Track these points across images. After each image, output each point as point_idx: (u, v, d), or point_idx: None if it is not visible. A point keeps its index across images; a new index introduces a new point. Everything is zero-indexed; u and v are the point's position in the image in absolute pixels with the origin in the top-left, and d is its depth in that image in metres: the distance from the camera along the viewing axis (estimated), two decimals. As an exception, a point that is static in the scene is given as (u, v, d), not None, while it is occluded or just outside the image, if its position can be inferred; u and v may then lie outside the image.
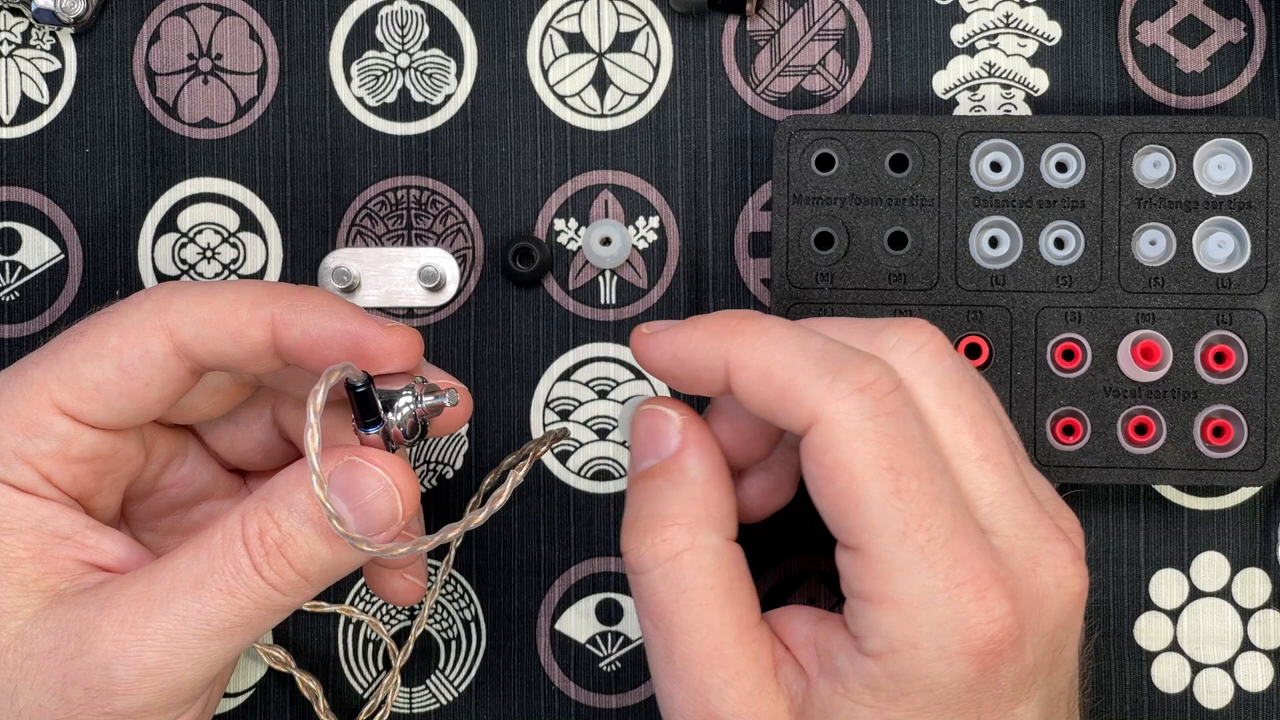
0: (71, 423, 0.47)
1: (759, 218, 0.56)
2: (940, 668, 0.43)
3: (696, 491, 0.46)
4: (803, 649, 0.46)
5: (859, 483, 0.43)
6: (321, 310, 0.47)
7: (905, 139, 0.54)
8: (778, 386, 0.44)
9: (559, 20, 0.56)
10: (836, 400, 0.43)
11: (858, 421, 0.43)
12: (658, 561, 0.45)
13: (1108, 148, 0.54)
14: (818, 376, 0.43)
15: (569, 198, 0.56)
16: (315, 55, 0.57)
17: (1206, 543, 0.56)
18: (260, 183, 0.57)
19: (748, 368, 0.44)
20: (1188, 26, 0.56)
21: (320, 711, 0.55)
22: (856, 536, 0.43)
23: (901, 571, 0.43)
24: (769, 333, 0.45)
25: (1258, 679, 0.56)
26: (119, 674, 0.45)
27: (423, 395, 0.46)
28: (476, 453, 0.56)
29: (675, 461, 0.46)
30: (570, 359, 0.56)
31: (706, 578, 0.45)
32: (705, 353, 0.45)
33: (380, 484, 0.46)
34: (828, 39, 0.56)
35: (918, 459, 0.43)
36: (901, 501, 0.43)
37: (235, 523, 0.46)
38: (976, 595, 0.43)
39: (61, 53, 0.57)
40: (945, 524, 0.43)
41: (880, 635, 0.43)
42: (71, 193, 0.57)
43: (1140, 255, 0.54)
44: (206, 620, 0.45)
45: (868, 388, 0.43)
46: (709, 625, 0.45)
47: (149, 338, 0.47)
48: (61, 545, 0.47)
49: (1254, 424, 0.53)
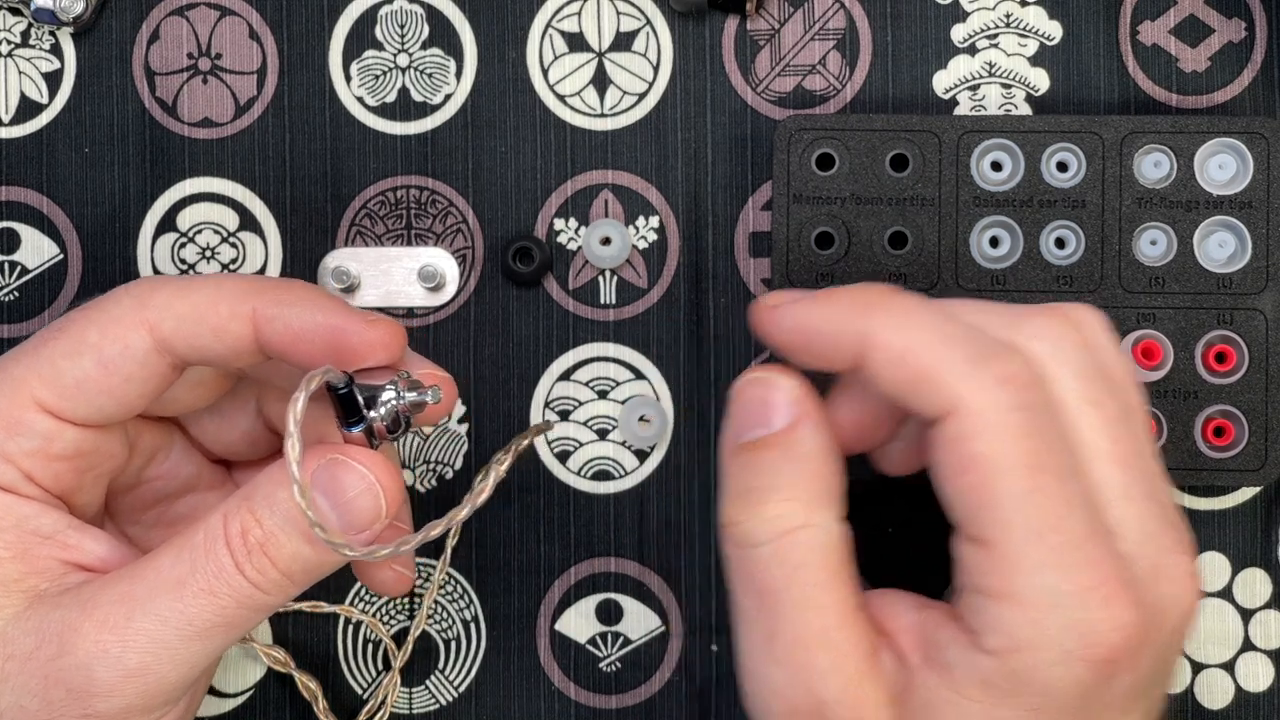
0: (53, 420, 0.47)
1: (759, 217, 0.56)
2: (1059, 671, 0.42)
3: (812, 467, 0.44)
4: (904, 635, 0.44)
5: (996, 477, 0.42)
6: (303, 304, 0.46)
7: (905, 139, 0.54)
8: (916, 369, 0.43)
9: (559, 20, 0.56)
10: (979, 390, 0.42)
11: (999, 414, 0.42)
12: (770, 537, 0.44)
13: (1108, 147, 0.54)
14: (960, 363, 0.42)
15: (569, 197, 0.56)
16: (315, 55, 0.57)
17: (1207, 543, 0.56)
18: (260, 182, 0.57)
19: (885, 347, 0.43)
20: (1188, 26, 0.56)
21: (320, 712, 0.55)
22: (987, 531, 0.42)
23: (1031, 571, 0.42)
24: (910, 313, 0.43)
25: (1258, 679, 0.56)
26: (100, 675, 0.45)
27: (405, 391, 0.46)
28: (476, 453, 0.56)
29: (789, 434, 0.44)
30: (570, 359, 0.56)
31: (819, 557, 0.44)
32: (839, 328, 0.44)
33: (363, 482, 0.45)
34: (828, 38, 0.56)
35: (1057, 458, 0.42)
36: (1038, 499, 0.41)
37: (218, 522, 0.45)
38: (1104, 601, 0.42)
39: (61, 52, 0.57)
40: (1079, 526, 0.42)
41: (1002, 633, 0.42)
42: (71, 192, 0.57)
43: (1141, 255, 0.54)
44: (189, 621, 0.45)
45: (1010, 379, 0.42)
46: (819, 606, 0.43)
47: (129, 333, 0.46)
48: (43, 545, 0.47)
49: (1255, 424, 0.53)
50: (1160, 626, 0.43)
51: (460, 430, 0.56)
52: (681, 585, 0.56)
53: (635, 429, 0.56)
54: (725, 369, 0.56)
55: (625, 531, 0.56)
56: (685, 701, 0.56)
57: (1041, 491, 0.42)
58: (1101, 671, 0.42)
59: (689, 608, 0.56)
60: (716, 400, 0.56)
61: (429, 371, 0.48)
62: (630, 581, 0.56)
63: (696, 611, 0.56)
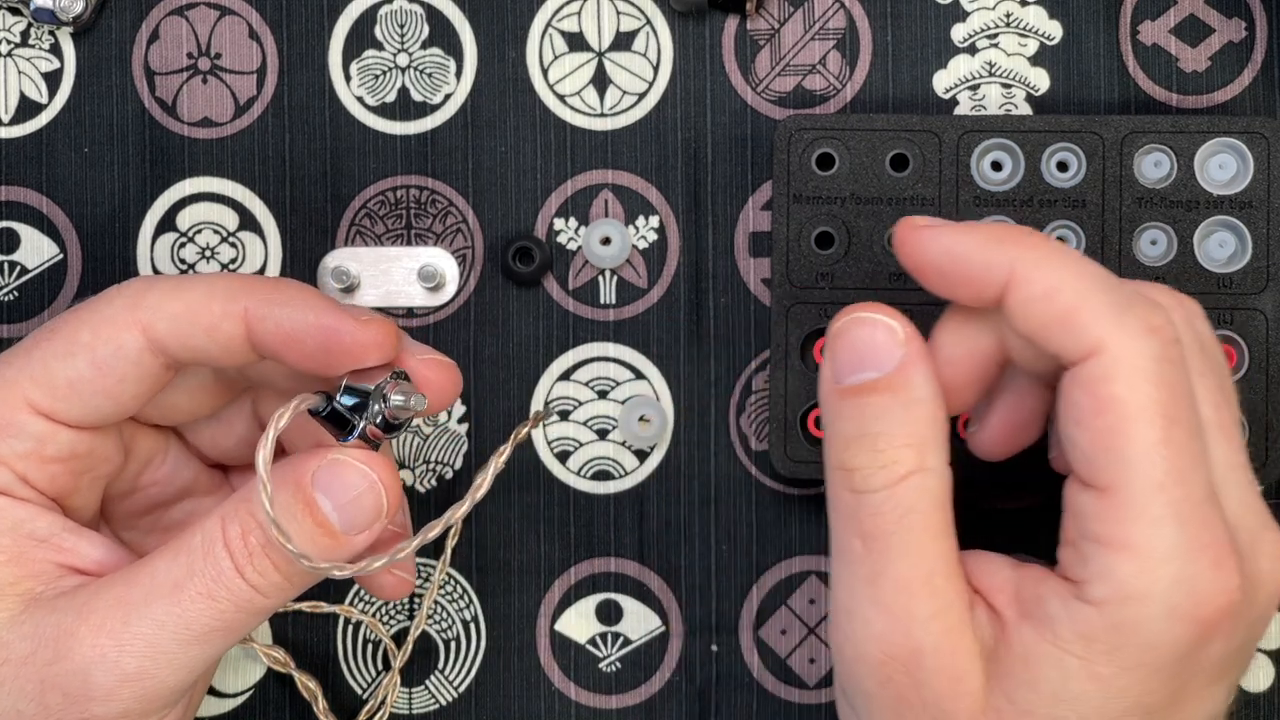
0: (46, 422, 0.46)
1: (759, 217, 0.56)
2: (1163, 627, 0.42)
3: (925, 411, 0.44)
4: (999, 593, 0.44)
5: (1130, 422, 0.42)
6: (295, 304, 0.46)
7: (906, 138, 0.54)
8: (1063, 307, 0.42)
9: (559, 19, 0.56)
10: (1126, 335, 0.42)
11: (1144, 361, 0.42)
12: (885, 483, 0.44)
13: (1108, 147, 0.54)
14: (1108, 306, 0.42)
15: (569, 197, 0.56)
16: (314, 54, 0.57)
17: (1207, 543, 0.56)
18: (259, 182, 0.57)
19: (1033, 281, 0.43)
20: (1188, 26, 0.56)
21: (320, 712, 0.55)
22: (1111, 476, 0.42)
23: (1150, 522, 0.42)
24: (1060, 253, 0.43)
25: (1258, 679, 0.56)
26: (97, 680, 0.44)
27: (393, 395, 0.46)
28: (476, 452, 0.56)
29: (902, 377, 0.44)
30: (570, 359, 0.56)
31: (930, 502, 0.44)
32: (987, 257, 0.44)
33: (365, 480, 0.45)
34: (828, 38, 0.56)
35: (1190, 414, 0.42)
36: (1167, 450, 0.42)
37: (215, 525, 0.45)
38: (1215, 563, 0.42)
39: (60, 52, 0.57)
40: (1201, 485, 0.42)
41: (1112, 582, 0.42)
42: (70, 192, 0.57)
43: (1141, 255, 0.54)
44: (186, 625, 0.45)
45: (1157, 330, 0.42)
46: (925, 552, 0.43)
47: (121, 333, 0.46)
48: (38, 548, 0.46)
49: (1255, 424, 0.53)
50: (1255, 600, 0.43)
51: (460, 430, 0.56)
52: (681, 585, 0.56)
53: (635, 429, 0.56)
54: (725, 369, 0.56)
55: (625, 531, 0.56)
56: (685, 701, 0.56)
57: (1172, 444, 0.42)
58: (1202, 633, 0.42)
59: (689, 608, 0.56)
60: (716, 400, 0.56)
61: (429, 358, 0.48)
62: (630, 581, 0.56)
63: (696, 611, 0.56)
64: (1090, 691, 0.42)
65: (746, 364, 0.56)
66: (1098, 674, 0.42)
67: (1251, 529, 0.44)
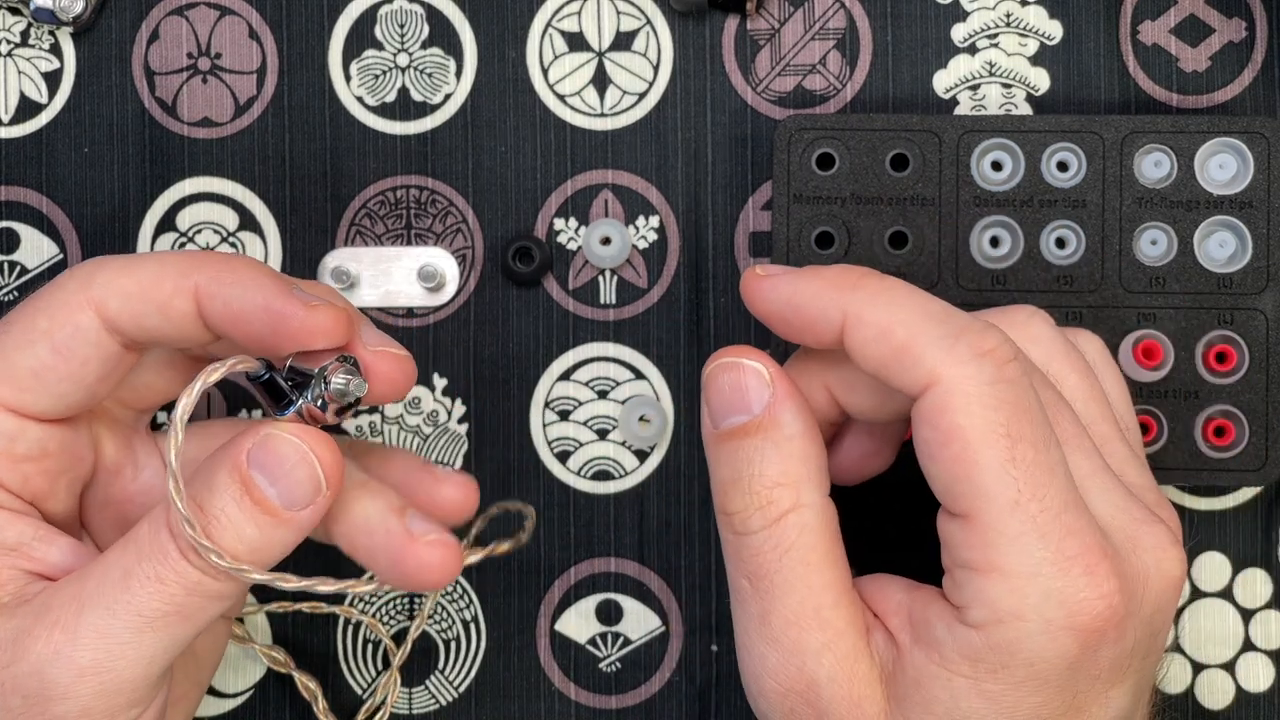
0: (14, 418, 0.46)
1: (759, 217, 0.56)
2: (1044, 641, 0.42)
3: (797, 448, 0.45)
4: (894, 616, 0.45)
5: (974, 448, 0.42)
6: (244, 284, 0.45)
7: (906, 138, 0.54)
8: (897, 344, 0.43)
9: (559, 19, 0.56)
10: (957, 363, 0.43)
11: (977, 386, 0.42)
12: (764, 523, 0.44)
13: (1109, 147, 0.54)
14: (939, 338, 0.43)
15: (569, 197, 0.56)
16: (314, 54, 0.57)
17: (1207, 543, 0.56)
18: (259, 182, 0.57)
19: (867, 323, 0.44)
20: (1188, 26, 0.56)
21: (320, 712, 0.55)
22: (967, 503, 0.43)
23: (1011, 541, 0.42)
24: (891, 290, 0.44)
25: (1259, 679, 0.56)
26: (53, 676, 0.44)
27: (333, 378, 0.45)
28: (476, 452, 0.56)
29: (769, 417, 0.45)
30: (570, 359, 0.56)
31: (810, 537, 0.44)
32: (824, 303, 0.45)
33: (297, 453, 0.44)
34: (828, 38, 0.56)
35: (1035, 429, 0.43)
36: (1016, 469, 0.42)
37: (160, 511, 0.45)
38: (1086, 570, 0.42)
39: (60, 52, 0.57)
40: (1058, 496, 0.42)
41: (985, 605, 0.42)
42: (70, 192, 0.57)
43: (1141, 255, 0.54)
44: (137, 611, 0.44)
45: (989, 354, 0.43)
46: (810, 585, 0.44)
47: (76, 314, 0.46)
48: (7, 556, 0.46)
49: (1255, 424, 0.53)
50: (1142, 597, 0.43)
51: (460, 430, 0.56)
52: (681, 585, 0.56)
53: (635, 429, 0.56)
54: (725, 369, 0.56)
55: (625, 531, 0.56)
56: (685, 701, 0.56)
57: (1020, 461, 0.42)
58: (1086, 641, 0.42)
59: (689, 608, 0.56)
60: (716, 400, 0.56)
61: (381, 350, 0.47)
62: (630, 581, 0.56)
63: (696, 611, 0.56)
64: (982, 709, 0.43)
65: (746, 364, 0.56)
66: (987, 692, 0.43)
67: (1126, 528, 0.44)
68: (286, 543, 0.45)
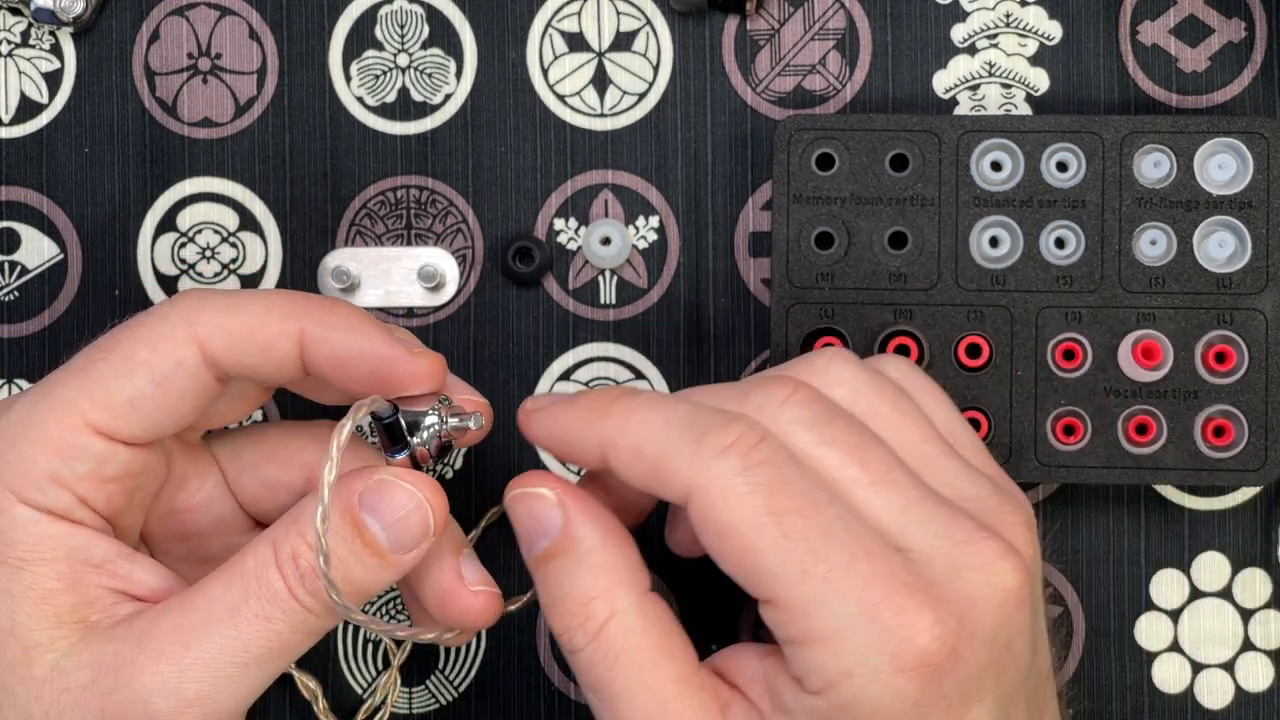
0: (106, 442, 0.46)
1: (759, 217, 0.56)
2: (880, 691, 0.43)
3: (598, 559, 0.46)
4: (753, 685, 0.46)
5: (746, 538, 0.43)
6: (351, 330, 0.47)
7: (905, 139, 0.54)
8: (650, 463, 0.44)
9: (559, 20, 0.56)
10: (705, 466, 0.43)
11: (728, 481, 0.43)
12: (587, 639, 0.45)
13: (1108, 147, 0.54)
14: (684, 447, 0.44)
15: (569, 197, 0.56)
16: (315, 55, 0.57)
17: (1207, 543, 0.56)
18: (260, 182, 0.57)
19: (620, 449, 0.45)
20: (1188, 26, 0.56)
21: (320, 711, 0.55)
22: (764, 588, 0.43)
23: (814, 608, 0.43)
24: (636, 411, 0.45)
25: (1258, 679, 0.56)
26: (159, 707, 0.45)
27: (448, 417, 0.47)
28: (476, 452, 0.56)
29: (566, 538, 0.46)
30: (570, 359, 0.56)
31: (635, 640, 0.45)
32: (580, 436, 0.46)
33: (412, 501, 0.46)
34: (828, 38, 0.56)
35: (797, 498, 0.43)
36: (791, 542, 0.43)
37: (267, 548, 0.46)
38: (896, 611, 0.42)
39: (61, 52, 0.57)
40: (842, 551, 0.43)
41: (816, 673, 0.43)
42: (71, 192, 0.57)
43: (1141, 255, 0.54)
44: (244, 648, 0.45)
45: (732, 446, 0.43)
46: (648, 686, 0.45)
47: (180, 349, 0.46)
48: (94, 574, 0.46)
49: (1254, 424, 0.53)
50: (975, 617, 0.43)
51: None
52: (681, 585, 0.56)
53: (635, 429, 0.56)
54: (725, 369, 0.56)
55: (625, 531, 0.56)
56: (685, 701, 0.56)
57: (791, 533, 0.43)
58: (923, 677, 0.43)
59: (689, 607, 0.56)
60: (716, 400, 0.56)
61: (468, 398, 0.49)
62: (630, 581, 0.56)
63: (696, 611, 0.56)
64: None
65: (746, 364, 0.56)
66: None
67: (949, 554, 0.44)
68: (386, 583, 0.47)
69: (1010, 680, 0.45)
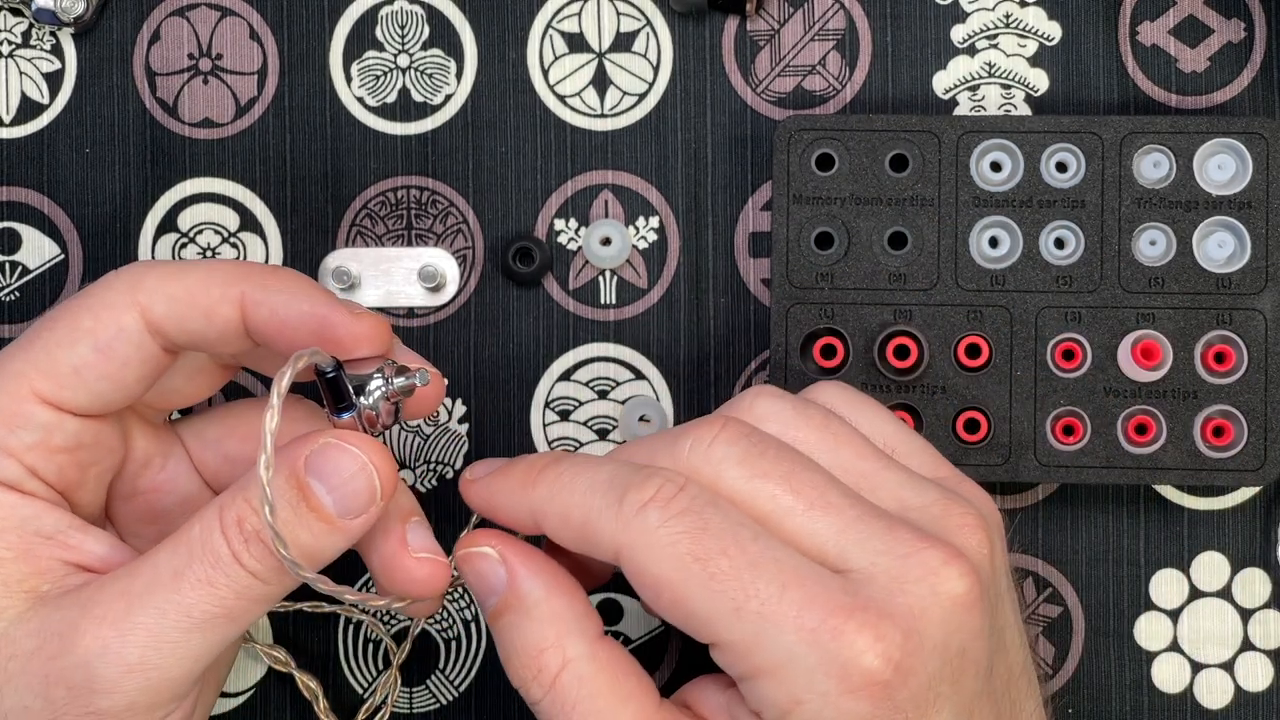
0: (53, 411, 0.47)
1: (759, 218, 0.56)
2: (832, 713, 0.43)
3: (545, 611, 0.46)
4: (719, 716, 0.46)
5: (677, 587, 0.44)
6: (290, 292, 0.47)
7: (905, 139, 0.54)
8: (577, 528, 0.45)
9: (559, 20, 0.56)
10: (627, 525, 0.44)
11: (651, 535, 0.44)
12: (543, 690, 0.46)
13: (1108, 148, 0.54)
14: (606, 508, 0.44)
15: (569, 198, 0.56)
16: (315, 55, 0.57)
17: (1206, 543, 0.56)
18: (260, 183, 0.57)
19: (549, 516, 0.46)
20: (1188, 26, 0.56)
21: (320, 711, 0.55)
22: (705, 633, 0.44)
23: (754, 642, 0.43)
24: (560, 477, 0.46)
25: (1258, 679, 0.56)
26: (101, 671, 0.44)
27: (393, 377, 0.47)
28: (476, 453, 0.56)
29: (511, 594, 0.47)
30: (570, 359, 0.56)
31: (590, 686, 0.46)
32: (514, 505, 0.47)
33: (356, 463, 0.45)
34: (828, 39, 0.56)
35: (720, 539, 0.44)
36: (719, 584, 0.43)
37: (213, 513, 0.45)
38: (834, 634, 0.43)
39: (61, 53, 0.57)
40: (771, 582, 0.43)
41: (770, 705, 0.44)
42: (71, 193, 0.57)
43: (1140, 255, 0.54)
44: (187, 612, 0.45)
45: (652, 500, 0.44)
46: None
47: (122, 315, 0.47)
48: (45, 545, 0.47)
49: (1254, 424, 0.53)
50: (921, 629, 0.43)
51: (460, 430, 0.56)
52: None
53: (635, 429, 0.56)
54: (725, 369, 0.56)
55: (625, 531, 0.56)
56: (685, 701, 0.56)
57: (719, 575, 0.43)
58: (874, 694, 0.43)
59: (689, 607, 0.56)
60: (716, 400, 0.56)
61: (416, 362, 0.48)
62: (630, 581, 0.56)
63: (696, 611, 0.56)
64: None
65: (746, 364, 0.56)
66: None
67: (890, 569, 0.44)
68: (336, 549, 0.46)
69: (969, 686, 0.45)
